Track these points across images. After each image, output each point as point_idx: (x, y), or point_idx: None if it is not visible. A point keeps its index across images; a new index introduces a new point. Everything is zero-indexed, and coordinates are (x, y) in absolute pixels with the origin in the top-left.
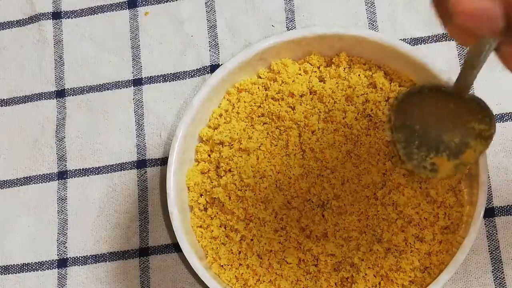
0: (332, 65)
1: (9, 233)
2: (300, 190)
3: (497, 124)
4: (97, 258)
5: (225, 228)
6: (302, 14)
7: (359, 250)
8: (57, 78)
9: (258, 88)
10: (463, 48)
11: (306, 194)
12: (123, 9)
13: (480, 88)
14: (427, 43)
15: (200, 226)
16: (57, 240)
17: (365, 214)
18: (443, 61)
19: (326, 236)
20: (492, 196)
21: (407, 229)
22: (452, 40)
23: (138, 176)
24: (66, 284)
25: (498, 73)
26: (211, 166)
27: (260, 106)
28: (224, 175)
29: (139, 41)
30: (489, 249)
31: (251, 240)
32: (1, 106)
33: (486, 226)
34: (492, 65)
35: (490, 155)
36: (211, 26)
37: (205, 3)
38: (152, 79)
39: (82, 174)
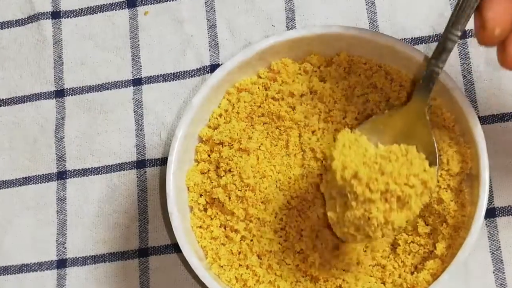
0: (332, 65)
1: (8, 234)
2: (300, 190)
3: (498, 124)
4: (96, 259)
5: (225, 228)
6: (302, 14)
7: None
8: (56, 78)
9: (258, 88)
10: (463, 47)
11: (306, 194)
12: (123, 8)
13: (482, 87)
14: (427, 42)
15: (200, 227)
16: (56, 241)
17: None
18: None
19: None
20: (493, 197)
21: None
22: None
23: (137, 176)
24: (65, 284)
25: (501, 69)
26: (211, 166)
27: (260, 106)
28: (224, 175)
29: (138, 40)
30: (490, 249)
31: (251, 240)
32: (0, 106)
33: (487, 227)
34: (495, 59)
35: (491, 155)
36: (211, 26)
37: (205, 2)
38: (151, 79)
39: (82, 174)
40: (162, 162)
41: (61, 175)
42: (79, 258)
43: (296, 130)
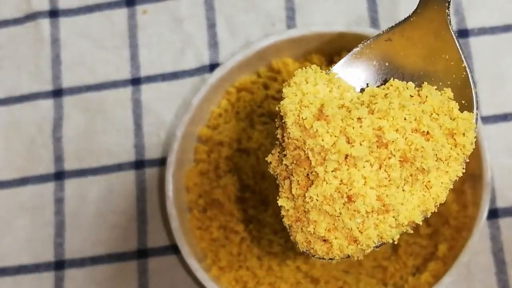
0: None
1: (6, 235)
2: None
3: (501, 124)
4: (94, 260)
5: (224, 229)
6: (303, 13)
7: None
8: (54, 77)
9: (258, 87)
10: (465, 47)
11: None
12: (121, 7)
13: (483, 83)
14: None
15: (200, 228)
16: (54, 242)
17: None
18: None
19: None
20: (495, 197)
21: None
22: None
23: (136, 177)
24: (63, 286)
25: (504, 68)
26: (211, 167)
27: (260, 106)
28: (223, 176)
29: (137, 40)
30: (492, 250)
31: (251, 242)
32: None
33: (489, 228)
34: (498, 58)
35: (493, 155)
36: (211, 25)
37: (204, 1)
38: (150, 78)
39: (80, 175)
40: (161, 162)
41: (59, 176)
42: (77, 260)
43: None
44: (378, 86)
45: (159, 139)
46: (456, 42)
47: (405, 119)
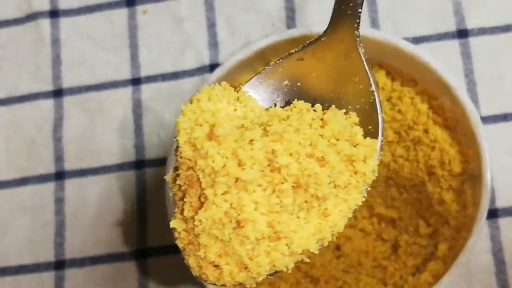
0: None
1: (6, 235)
2: None
3: (501, 124)
4: (95, 260)
5: None
6: (303, 13)
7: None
8: (55, 78)
9: None
10: (465, 47)
11: None
12: (121, 7)
13: (484, 86)
14: (429, 41)
15: None
16: (54, 242)
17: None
18: (445, 60)
19: None
20: (495, 197)
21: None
22: (455, 38)
23: (136, 177)
24: (63, 286)
25: (504, 68)
26: None
27: None
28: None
29: (137, 40)
30: (492, 250)
31: None
32: None
33: (489, 228)
34: (498, 58)
35: (493, 156)
36: (211, 25)
37: (204, 1)
38: (150, 79)
39: (80, 175)
40: (161, 162)
41: (59, 176)
42: (78, 259)
43: None
44: (282, 107)
45: (159, 139)
46: (365, 64)
47: (300, 143)
